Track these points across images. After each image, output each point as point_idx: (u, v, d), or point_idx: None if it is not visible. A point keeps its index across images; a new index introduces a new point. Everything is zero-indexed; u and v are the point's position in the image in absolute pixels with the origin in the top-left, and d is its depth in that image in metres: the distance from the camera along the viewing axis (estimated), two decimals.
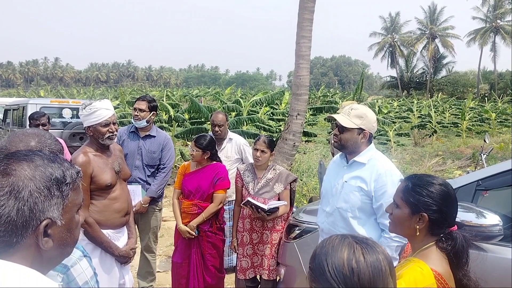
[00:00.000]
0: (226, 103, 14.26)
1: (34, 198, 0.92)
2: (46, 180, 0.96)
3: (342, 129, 2.64)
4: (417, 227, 1.62)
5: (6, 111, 10.88)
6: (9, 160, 0.96)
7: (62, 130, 9.36)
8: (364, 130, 2.62)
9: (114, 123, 2.88)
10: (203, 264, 3.66)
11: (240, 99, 15.48)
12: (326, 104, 20.45)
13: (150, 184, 4.06)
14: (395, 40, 64.16)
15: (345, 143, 2.65)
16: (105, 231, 2.76)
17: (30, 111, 9.87)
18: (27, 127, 5.61)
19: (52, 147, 1.60)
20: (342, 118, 2.64)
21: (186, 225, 3.62)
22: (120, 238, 2.89)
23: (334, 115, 2.74)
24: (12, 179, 0.92)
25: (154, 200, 4.09)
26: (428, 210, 1.60)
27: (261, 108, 16.43)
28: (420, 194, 1.62)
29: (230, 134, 4.65)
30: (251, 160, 4.45)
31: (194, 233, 3.59)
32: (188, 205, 3.64)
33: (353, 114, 2.62)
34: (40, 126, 5.06)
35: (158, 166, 4.14)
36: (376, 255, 1.14)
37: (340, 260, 1.14)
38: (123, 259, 2.84)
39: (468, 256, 1.60)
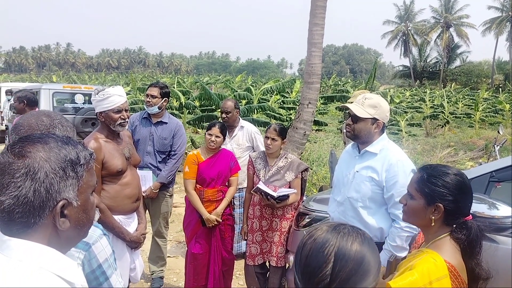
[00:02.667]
0: (236, 91, 14.25)
1: (50, 179, 0.94)
2: (61, 161, 0.97)
3: (356, 119, 2.60)
4: (433, 217, 1.60)
5: None
6: (23, 143, 0.97)
7: (74, 116, 9.43)
8: (378, 120, 2.59)
9: (126, 110, 2.89)
10: (222, 248, 3.78)
11: (251, 87, 15.42)
12: (338, 93, 20.24)
13: (161, 170, 4.09)
14: (408, 28, 63.27)
15: (359, 133, 2.62)
16: (116, 217, 2.78)
17: (43, 96, 9.94)
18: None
19: (63, 122, 1.63)
20: (356, 108, 2.60)
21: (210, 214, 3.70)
22: (130, 224, 2.92)
23: (348, 105, 2.70)
24: (28, 161, 0.93)
25: (165, 186, 4.12)
26: (443, 200, 1.58)
27: (271, 96, 16.40)
28: (435, 185, 1.60)
29: (242, 122, 4.66)
30: (262, 148, 4.46)
31: (220, 220, 3.70)
32: (213, 192, 3.71)
33: (367, 104, 2.59)
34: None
35: (169, 153, 4.16)
36: (328, 241, 1.10)
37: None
38: (134, 244, 2.87)
39: (481, 245, 1.59)
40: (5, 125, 12.20)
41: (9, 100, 12.27)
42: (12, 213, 0.91)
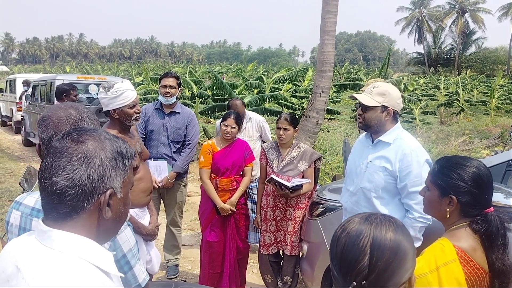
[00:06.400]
0: (248, 80, 14.21)
1: (104, 166, 0.99)
2: (114, 152, 1.03)
3: (365, 108, 2.60)
4: (447, 209, 1.57)
5: (34, 87, 11.09)
6: (80, 131, 1.03)
7: (88, 106, 9.53)
8: (388, 107, 2.57)
9: (137, 103, 2.91)
10: (237, 236, 3.83)
11: (262, 75, 15.35)
12: (350, 81, 20.04)
13: (175, 160, 4.13)
14: (423, 14, 62.22)
15: (369, 123, 2.61)
16: (132, 210, 2.83)
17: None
18: (55, 102, 5.42)
19: (90, 116, 1.64)
20: (364, 97, 2.60)
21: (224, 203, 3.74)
22: (144, 217, 2.97)
23: (356, 95, 2.70)
24: (85, 147, 0.99)
25: (180, 176, 4.17)
26: (457, 192, 1.55)
27: (283, 85, 16.31)
28: (448, 176, 1.57)
29: (249, 113, 4.73)
30: (269, 136, 4.54)
31: (234, 209, 3.74)
32: (228, 182, 3.75)
33: (375, 92, 2.58)
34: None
35: (183, 142, 4.20)
36: (362, 233, 1.12)
37: None
38: (149, 237, 2.92)
39: (504, 239, 1.54)
40: (21, 116, 12.33)
41: (26, 90, 12.38)
42: (63, 195, 0.95)
